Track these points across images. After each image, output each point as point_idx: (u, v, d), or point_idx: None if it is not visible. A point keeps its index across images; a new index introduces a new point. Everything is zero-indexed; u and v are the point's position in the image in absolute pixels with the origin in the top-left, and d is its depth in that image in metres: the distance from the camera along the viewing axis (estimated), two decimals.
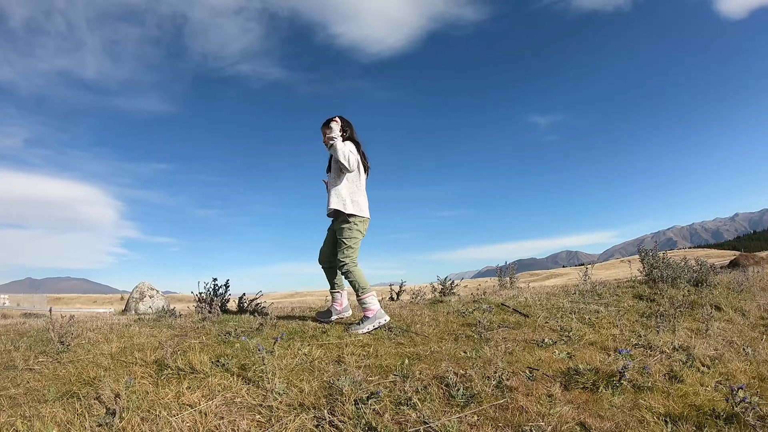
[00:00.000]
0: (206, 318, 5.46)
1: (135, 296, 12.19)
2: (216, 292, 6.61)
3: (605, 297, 6.93)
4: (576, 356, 4.50)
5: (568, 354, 4.55)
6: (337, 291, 5.66)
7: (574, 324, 5.54)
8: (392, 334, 4.90)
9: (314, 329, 5.01)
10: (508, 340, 4.92)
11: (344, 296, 5.74)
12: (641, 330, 5.52)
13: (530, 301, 6.61)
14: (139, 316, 7.19)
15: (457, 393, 3.52)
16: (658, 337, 5.27)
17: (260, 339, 4.57)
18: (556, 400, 3.57)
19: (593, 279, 8.00)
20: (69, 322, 4.69)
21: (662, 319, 5.83)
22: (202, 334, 4.75)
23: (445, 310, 6.08)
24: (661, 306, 6.44)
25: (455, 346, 4.64)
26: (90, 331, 5.02)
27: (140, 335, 4.76)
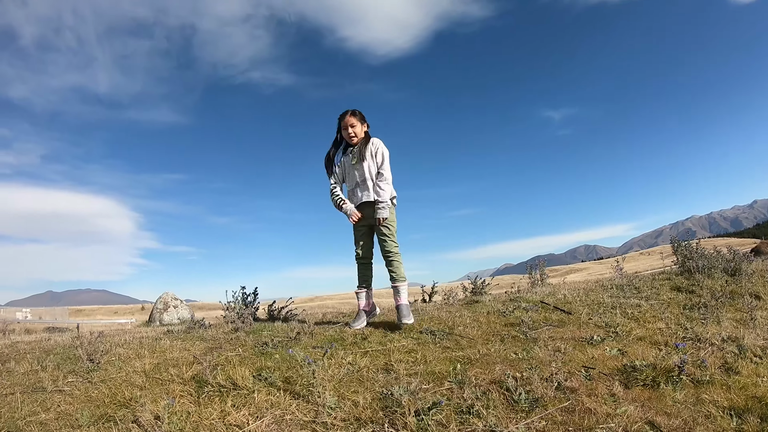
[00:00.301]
0: (239, 328, 5.09)
1: (159, 307, 11.70)
2: (245, 301, 6.26)
3: (644, 290, 6.53)
4: (628, 352, 4.14)
5: (619, 350, 4.19)
6: (366, 289, 5.38)
7: (619, 319, 5.17)
8: (436, 338, 4.52)
9: (354, 336, 4.65)
10: (556, 338, 4.55)
11: (371, 295, 5.47)
12: (686, 323, 5.12)
13: (569, 298, 6.22)
14: (166, 328, 6.84)
15: (520, 398, 3.18)
16: (705, 329, 4.87)
17: (300, 349, 4.21)
18: (620, 399, 3.26)
19: (625, 272, 7.67)
20: (97, 339, 4.34)
21: (705, 311, 5.43)
22: (237, 346, 4.38)
23: (484, 310, 5.70)
24: (702, 297, 6.03)
25: (503, 347, 4.27)
26: (119, 346, 4.67)
27: (173, 349, 4.40)
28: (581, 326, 4.97)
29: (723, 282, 6.67)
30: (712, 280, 6.80)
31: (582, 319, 5.17)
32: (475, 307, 6.04)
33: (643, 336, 4.65)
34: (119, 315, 67.70)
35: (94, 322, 51.37)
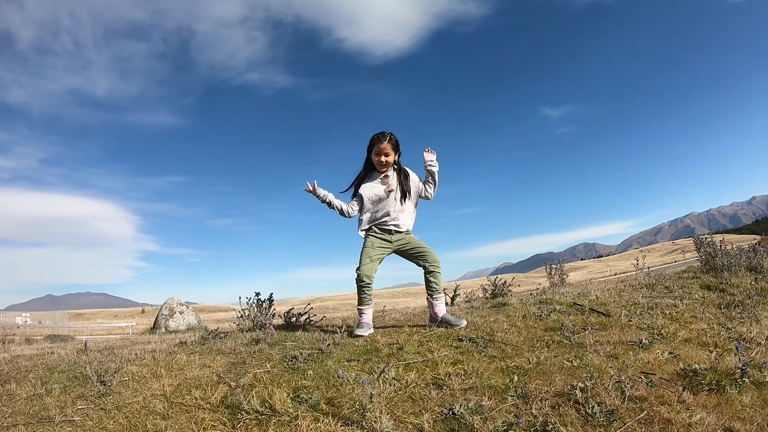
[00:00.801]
0: (260, 339, 4.46)
1: (164, 313, 10.85)
2: (260, 308, 5.64)
3: (674, 290, 6.02)
4: (680, 355, 3.72)
5: (670, 353, 3.74)
6: (370, 306, 4.94)
7: (660, 321, 4.66)
8: (478, 346, 3.94)
9: (387, 346, 4.03)
10: (602, 342, 4.02)
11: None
12: (727, 322, 4.67)
13: (603, 299, 5.67)
14: (176, 337, 6.20)
15: (594, 411, 2.73)
16: (746, 328, 4.43)
17: (333, 362, 3.62)
18: (691, 406, 2.89)
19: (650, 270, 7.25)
20: (107, 356, 3.73)
21: (742, 310, 5.00)
22: (263, 361, 3.77)
23: (518, 313, 5.13)
24: (734, 296, 5.57)
25: (552, 354, 3.73)
26: (130, 362, 4.03)
27: (191, 366, 3.77)
28: (623, 329, 4.44)
29: (751, 280, 6.19)
30: (738, 278, 6.32)
31: (622, 322, 4.64)
32: (506, 310, 5.46)
33: (688, 338, 4.18)
34: (120, 318, 66.60)
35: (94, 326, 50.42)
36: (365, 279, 4.80)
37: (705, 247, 7.12)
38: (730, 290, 5.81)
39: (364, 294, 4.86)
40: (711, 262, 6.86)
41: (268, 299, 5.70)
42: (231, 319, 6.40)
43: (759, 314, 4.84)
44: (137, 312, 76.13)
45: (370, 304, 4.91)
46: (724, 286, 5.97)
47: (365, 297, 4.86)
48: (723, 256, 6.73)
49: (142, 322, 50.59)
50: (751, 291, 5.56)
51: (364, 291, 4.85)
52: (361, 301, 4.86)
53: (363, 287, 4.83)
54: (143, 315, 69.42)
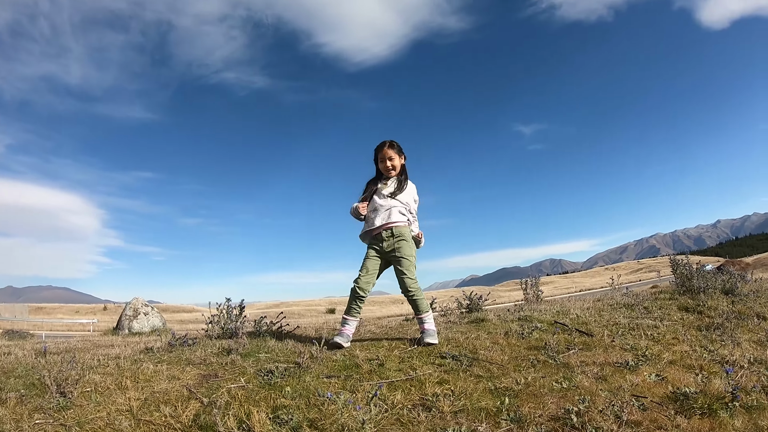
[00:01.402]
0: (231, 349, 4.18)
1: (128, 313, 10.24)
2: (230, 314, 5.37)
3: (653, 311, 5.94)
4: (667, 378, 3.62)
5: (657, 376, 3.64)
6: (356, 318, 4.76)
7: (643, 342, 4.55)
8: (463, 365, 3.75)
9: (367, 362, 3.80)
10: (588, 363, 3.89)
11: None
12: (708, 345, 4.58)
13: (583, 318, 5.55)
14: (141, 341, 5.86)
15: None
16: (728, 351, 4.36)
17: (312, 378, 3.37)
18: (685, 430, 2.82)
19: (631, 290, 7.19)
20: (68, 363, 3.43)
21: (722, 332, 4.95)
22: (237, 374, 3.50)
23: (499, 330, 4.95)
24: (713, 318, 5.51)
25: (540, 375, 3.57)
26: (93, 370, 3.72)
27: (159, 377, 3.48)
28: (607, 349, 4.32)
29: (728, 302, 6.15)
30: (714, 300, 6.28)
31: (605, 342, 4.52)
32: (486, 326, 5.29)
33: (673, 360, 4.09)
34: (81, 314, 65.02)
35: (54, 321, 49.01)
36: (359, 291, 4.63)
37: (681, 268, 7.07)
38: (708, 312, 5.76)
39: (355, 305, 4.69)
40: (687, 284, 6.81)
41: (239, 306, 5.43)
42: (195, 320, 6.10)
43: (739, 337, 4.79)
44: (99, 309, 74.38)
45: (357, 317, 4.73)
46: (701, 309, 5.91)
47: (355, 308, 4.69)
48: (699, 279, 6.69)
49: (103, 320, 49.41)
50: (729, 314, 5.53)
51: (356, 302, 4.68)
52: (349, 311, 4.69)
53: (355, 298, 4.67)
54: (105, 312, 67.84)
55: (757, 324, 5.26)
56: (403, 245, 4.70)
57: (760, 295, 6.75)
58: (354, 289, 4.65)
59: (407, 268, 4.67)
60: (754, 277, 10.18)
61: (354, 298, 4.66)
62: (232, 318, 5.32)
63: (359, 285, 4.63)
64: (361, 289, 4.62)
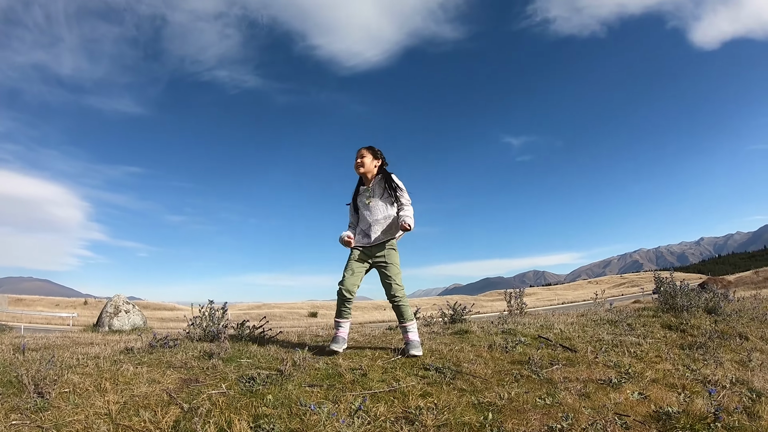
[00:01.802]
0: (213, 353, 4.11)
1: (109, 310, 10.01)
2: (213, 317, 5.29)
3: (636, 328, 5.95)
4: (649, 396, 3.61)
5: (640, 394, 3.64)
6: (348, 320, 4.70)
7: (626, 359, 4.55)
8: (446, 377, 3.72)
9: (350, 371, 3.76)
10: (571, 379, 3.88)
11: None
12: (691, 363, 4.60)
13: (567, 333, 5.53)
14: (121, 340, 5.75)
15: None
16: (710, 370, 4.37)
17: (294, 387, 3.32)
18: None
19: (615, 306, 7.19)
20: (47, 362, 3.35)
21: (704, 351, 4.97)
22: (218, 380, 3.45)
23: (482, 343, 4.93)
24: (696, 337, 5.53)
25: (523, 390, 3.55)
26: (71, 370, 3.64)
27: (139, 380, 3.40)
28: (590, 366, 4.31)
29: (711, 321, 6.18)
30: (697, 319, 6.29)
31: (589, 358, 4.51)
32: (470, 338, 5.26)
33: (656, 378, 4.08)
34: (61, 308, 64.11)
35: (34, 313, 48.31)
36: (346, 293, 4.60)
37: (665, 286, 7.08)
38: (691, 331, 5.77)
39: (345, 307, 4.65)
40: (671, 302, 6.83)
41: (221, 308, 5.35)
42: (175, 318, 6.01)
43: (721, 357, 4.82)
44: (79, 303, 73.40)
45: (348, 318, 4.70)
46: (684, 327, 5.93)
47: (345, 310, 4.66)
48: (683, 297, 6.70)
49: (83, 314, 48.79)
50: (712, 333, 5.55)
51: (345, 304, 4.65)
52: (340, 314, 4.65)
53: (344, 300, 4.63)
54: (85, 306, 66.97)
55: (740, 344, 5.28)
56: (392, 253, 4.71)
57: (743, 314, 6.79)
58: (340, 291, 4.61)
59: (395, 274, 4.65)
60: (736, 295, 10.27)
61: (342, 301, 4.63)
62: (215, 320, 5.26)
63: (345, 287, 4.60)
64: (347, 291, 4.59)
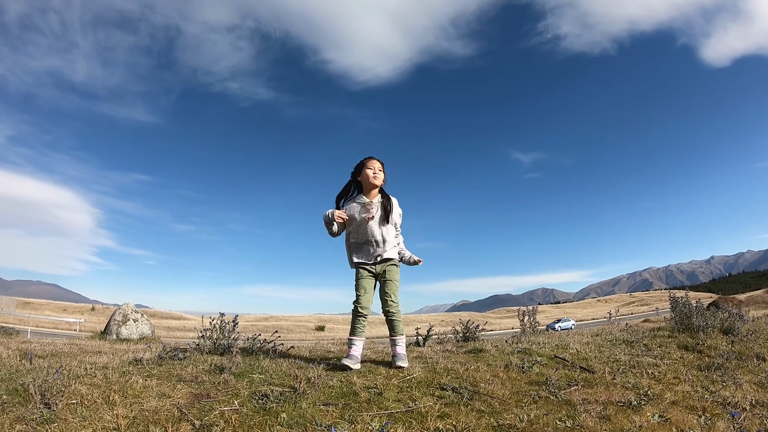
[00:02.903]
0: (224, 367, 3.97)
1: (117, 319, 9.84)
2: (223, 330, 5.16)
3: (653, 348, 5.77)
4: (670, 419, 3.44)
5: (660, 416, 3.48)
6: (363, 338, 4.65)
7: (644, 381, 4.39)
8: (463, 398, 3.56)
9: (365, 390, 3.61)
10: (590, 401, 3.71)
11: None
12: (709, 385, 4.42)
13: (584, 354, 5.37)
14: (129, 350, 5.62)
15: None
16: (730, 393, 4.18)
17: (308, 405, 3.18)
18: None
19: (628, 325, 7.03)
20: (55, 372, 3.22)
21: (722, 373, 4.78)
22: (230, 396, 3.30)
23: (498, 363, 4.78)
24: (712, 358, 5.35)
25: (542, 412, 3.39)
26: (79, 380, 3.51)
27: (148, 393, 3.27)
28: (609, 387, 4.15)
29: (727, 342, 5.99)
30: (713, 340, 6.11)
31: (607, 379, 4.35)
32: (485, 357, 5.11)
33: (675, 400, 3.91)
34: (68, 313, 64.17)
35: (41, 317, 48.34)
36: (362, 310, 4.57)
37: (681, 306, 6.92)
38: (708, 352, 5.60)
39: (359, 324, 4.59)
40: (686, 322, 6.65)
41: (232, 321, 5.22)
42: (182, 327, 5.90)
43: (740, 378, 4.63)
44: (87, 308, 73.44)
45: (362, 337, 4.62)
46: (701, 348, 5.75)
47: (359, 327, 4.59)
48: (699, 317, 6.53)
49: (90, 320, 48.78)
50: (729, 354, 5.36)
51: (360, 321, 4.59)
52: (354, 331, 4.56)
53: (359, 317, 4.58)
54: (93, 312, 67.01)
55: (757, 365, 5.11)
56: (393, 270, 4.76)
57: (758, 335, 6.60)
58: (356, 309, 4.57)
59: (393, 291, 4.70)
60: (750, 315, 10.05)
61: (357, 317, 4.57)
62: (225, 333, 5.12)
63: (361, 304, 4.57)
64: (363, 308, 4.56)
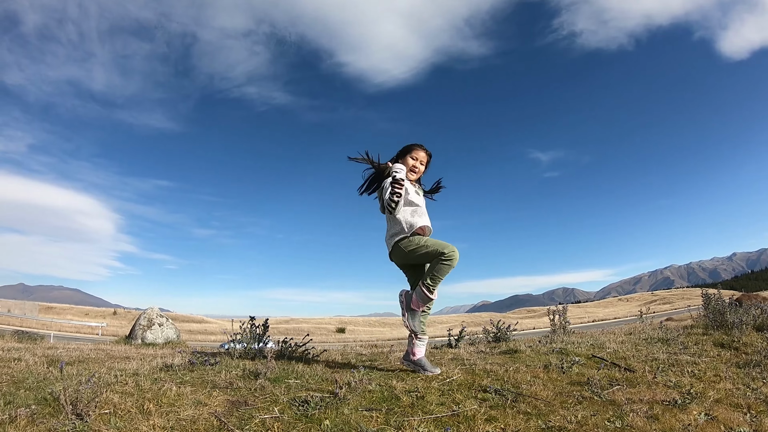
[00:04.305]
0: (259, 373, 3.77)
1: (142, 323, 9.61)
2: (253, 334, 4.96)
3: (690, 346, 5.51)
4: (717, 417, 3.26)
5: (706, 415, 3.29)
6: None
7: (685, 379, 4.17)
8: (507, 400, 3.35)
9: (406, 394, 3.40)
10: (635, 401, 3.49)
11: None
12: (749, 382, 4.20)
13: (621, 352, 5.13)
14: (157, 355, 5.42)
15: None
16: None
17: (351, 411, 2.98)
18: None
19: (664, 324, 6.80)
20: (86, 381, 3.04)
21: (762, 370, 4.55)
22: (269, 402, 3.10)
23: (536, 363, 4.56)
24: (750, 355, 5.11)
25: (589, 413, 3.18)
26: (111, 388, 3.32)
27: (184, 401, 3.07)
28: (651, 386, 3.93)
29: (762, 339, 5.72)
30: (747, 337, 5.85)
31: (648, 378, 4.13)
32: (521, 357, 4.89)
33: (719, 398, 3.69)
34: (90, 317, 64.46)
35: (63, 321, 48.57)
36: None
37: (713, 303, 6.67)
38: (744, 349, 5.35)
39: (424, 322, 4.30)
40: (720, 319, 6.40)
41: (263, 325, 5.01)
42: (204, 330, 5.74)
43: None
44: (109, 313, 73.73)
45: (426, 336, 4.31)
46: (737, 345, 5.50)
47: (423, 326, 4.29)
48: (732, 314, 6.27)
49: (112, 324, 48.94)
50: (766, 351, 5.11)
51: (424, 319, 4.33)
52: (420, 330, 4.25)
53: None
54: (114, 317, 67.28)
55: None
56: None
57: None
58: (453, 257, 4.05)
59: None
60: None
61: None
62: (256, 337, 4.93)
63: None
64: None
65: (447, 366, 4.44)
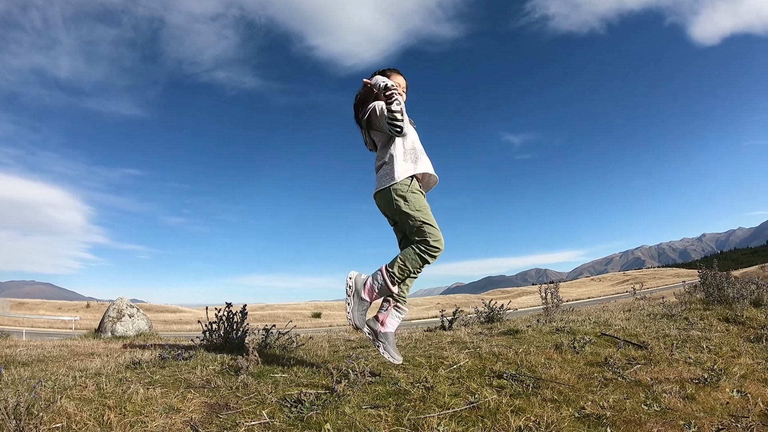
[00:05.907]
0: (240, 367, 3.18)
1: (111, 315, 8.74)
2: (231, 323, 4.38)
3: (695, 322, 5.13)
4: (749, 393, 2.95)
5: (738, 392, 2.99)
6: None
7: (704, 356, 3.80)
8: (528, 386, 2.86)
9: (413, 385, 2.85)
10: (661, 380, 3.11)
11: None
12: None
13: (630, 329, 4.72)
14: (132, 358, 4.77)
15: None
16: None
17: (353, 410, 2.44)
18: None
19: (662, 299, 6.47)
20: (36, 384, 2.45)
21: None
22: (255, 404, 2.53)
23: (544, 344, 4.09)
24: (757, 330, 4.78)
25: (620, 396, 2.78)
26: (67, 393, 2.71)
27: (152, 407, 2.46)
28: (671, 364, 3.56)
29: (763, 314, 5.40)
30: (749, 311, 5.51)
31: (666, 356, 3.73)
32: (525, 338, 4.43)
33: (744, 374, 3.37)
34: (63, 311, 62.62)
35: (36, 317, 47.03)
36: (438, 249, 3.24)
37: (710, 278, 6.42)
38: (750, 323, 5.03)
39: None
40: (719, 294, 6.11)
41: (240, 312, 4.44)
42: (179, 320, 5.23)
43: None
44: (82, 306, 71.75)
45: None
46: (741, 320, 5.16)
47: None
48: (730, 288, 5.99)
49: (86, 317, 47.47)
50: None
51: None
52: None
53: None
54: (88, 309, 65.50)
55: None
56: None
57: None
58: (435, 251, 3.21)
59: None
60: None
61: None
62: (234, 326, 4.35)
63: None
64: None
65: (449, 350, 3.91)
